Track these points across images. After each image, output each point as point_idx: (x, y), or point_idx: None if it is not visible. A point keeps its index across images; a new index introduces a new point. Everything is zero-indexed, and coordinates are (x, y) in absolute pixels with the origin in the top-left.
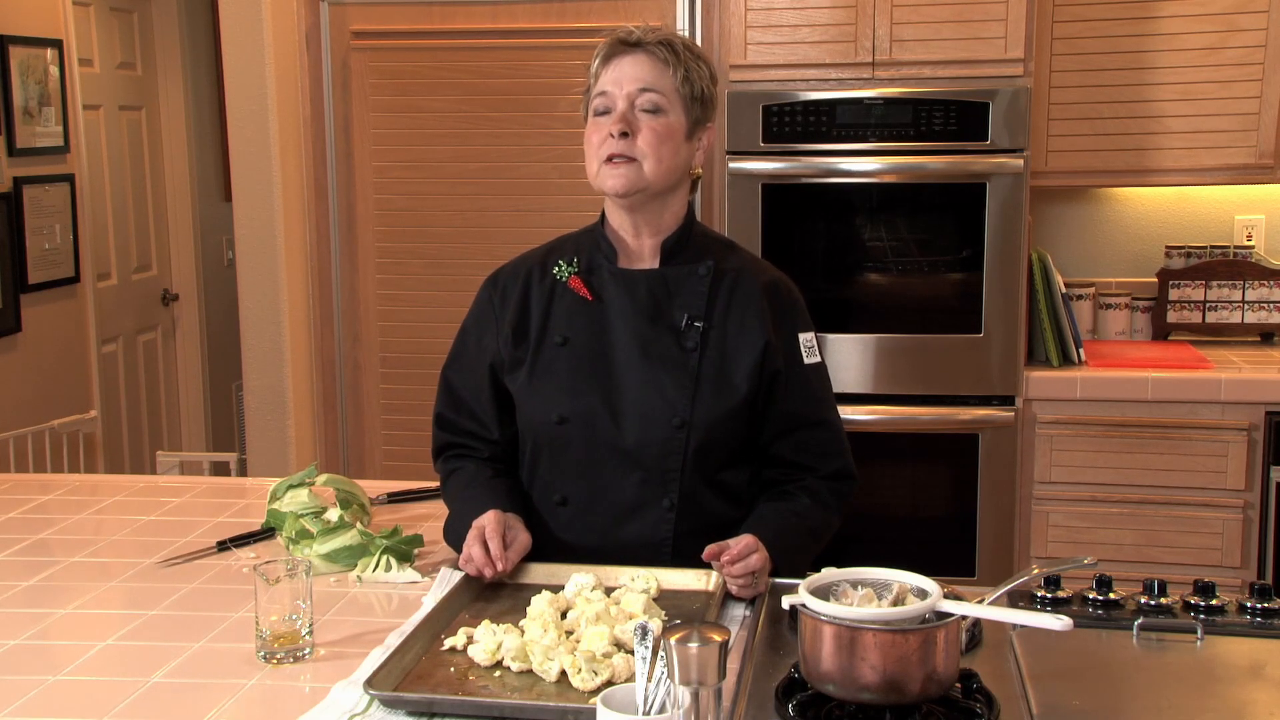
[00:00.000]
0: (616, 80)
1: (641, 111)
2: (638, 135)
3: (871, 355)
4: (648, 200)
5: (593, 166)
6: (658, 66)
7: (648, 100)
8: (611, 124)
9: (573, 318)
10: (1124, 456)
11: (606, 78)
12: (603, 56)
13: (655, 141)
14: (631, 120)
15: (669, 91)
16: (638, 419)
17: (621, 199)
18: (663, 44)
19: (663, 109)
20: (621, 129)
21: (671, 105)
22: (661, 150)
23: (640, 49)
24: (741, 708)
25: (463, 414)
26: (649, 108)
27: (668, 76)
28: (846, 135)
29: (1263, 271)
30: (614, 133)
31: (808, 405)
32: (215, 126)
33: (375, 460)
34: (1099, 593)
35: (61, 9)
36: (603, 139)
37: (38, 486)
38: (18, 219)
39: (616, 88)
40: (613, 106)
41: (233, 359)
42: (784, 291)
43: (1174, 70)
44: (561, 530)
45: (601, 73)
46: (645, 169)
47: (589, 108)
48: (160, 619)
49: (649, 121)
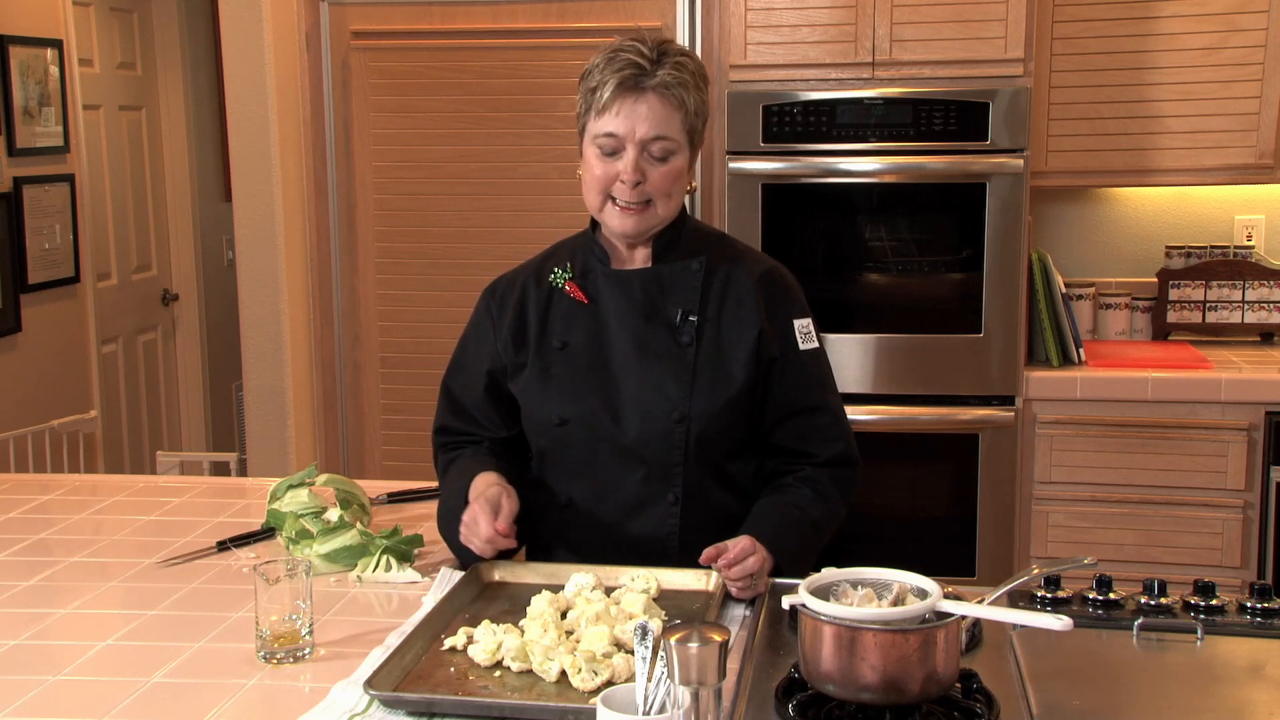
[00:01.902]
0: (629, 126)
1: (652, 158)
2: (649, 180)
3: (871, 355)
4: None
5: (595, 200)
6: (669, 112)
7: (660, 148)
8: (625, 173)
9: (570, 322)
10: (1124, 456)
11: (615, 119)
12: (611, 92)
13: (667, 186)
14: (644, 168)
15: (678, 134)
16: (637, 415)
17: (629, 238)
18: (674, 83)
19: (674, 152)
20: (636, 179)
21: (680, 147)
22: (673, 191)
23: (652, 93)
24: (741, 708)
25: (464, 420)
26: (660, 155)
27: (677, 120)
28: (846, 135)
29: (1263, 271)
30: (627, 181)
31: (805, 391)
32: (215, 126)
33: (375, 460)
34: (1099, 593)
35: (61, 9)
36: (609, 179)
37: (38, 486)
38: (18, 219)
39: (628, 133)
40: (621, 149)
41: (233, 359)
42: (777, 280)
43: (1174, 70)
44: (569, 530)
45: (610, 108)
46: (658, 210)
47: (588, 133)
48: (160, 619)
49: (661, 167)
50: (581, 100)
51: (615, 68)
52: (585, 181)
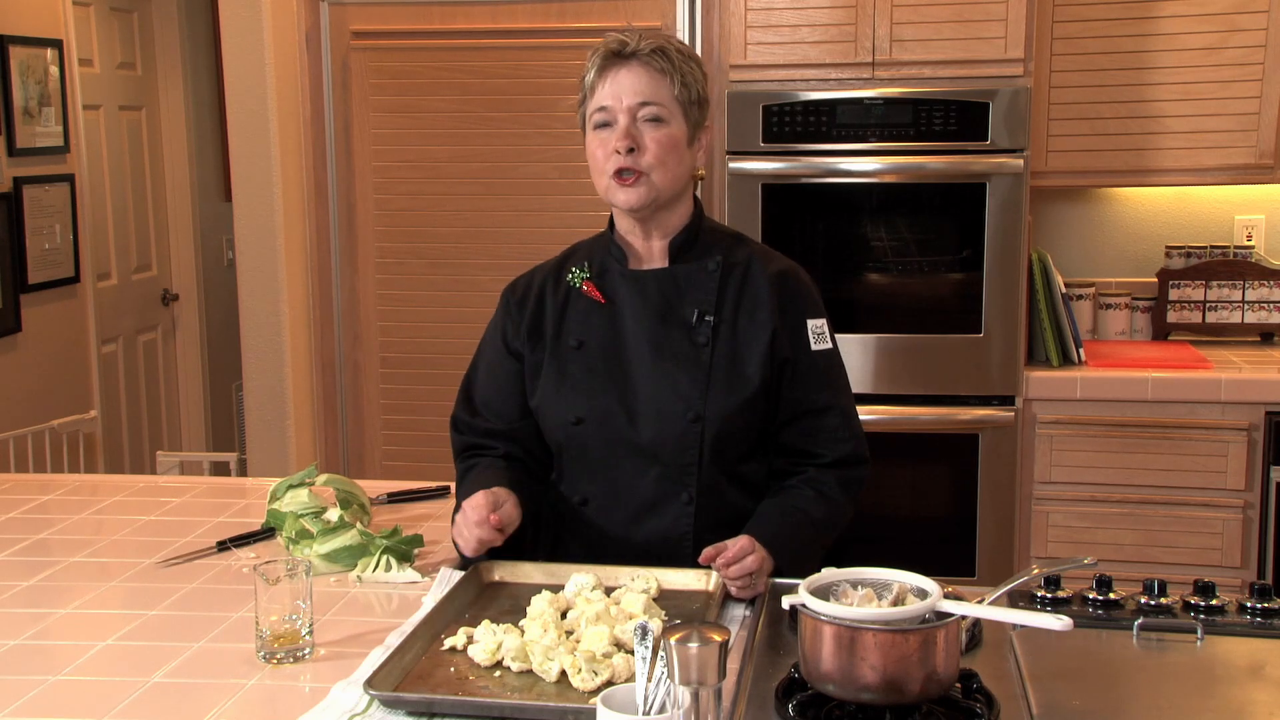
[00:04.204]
0: (615, 94)
1: (644, 122)
2: (643, 148)
3: (872, 355)
4: (657, 209)
5: (601, 181)
6: (655, 77)
7: (649, 112)
8: (617, 140)
9: (587, 321)
10: (1124, 456)
11: (604, 91)
12: (597, 69)
13: (661, 153)
14: (636, 134)
15: (668, 101)
16: (653, 415)
17: (634, 213)
18: (657, 52)
19: (664, 119)
20: (628, 145)
21: (672, 114)
22: (668, 160)
23: (635, 60)
24: (741, 708)
25: (477, 414)
26: (650, 119)
27: (665, 86)
28: (846, 135)
29: (1263, 271)
30: (620, 149)
31: (815, 391)
32: (215, 126)
33: (375, 460)
34: (1099, 593)
35: (61, 9)
36: (608, 154)
37: (38, 486)
38: (18, 219)
39: (616, 101)
40: (614, 120)
41: (233, 359)
42: (792, 279)
43: (1174, 70)
44: (584, 529)
45: (598, 85)
46: (655, 180)
47: (586, 119)
48: (160, 619)
49: (652, 133)
50: (580, 92)
51: (601, 52)
52: (591, 170)
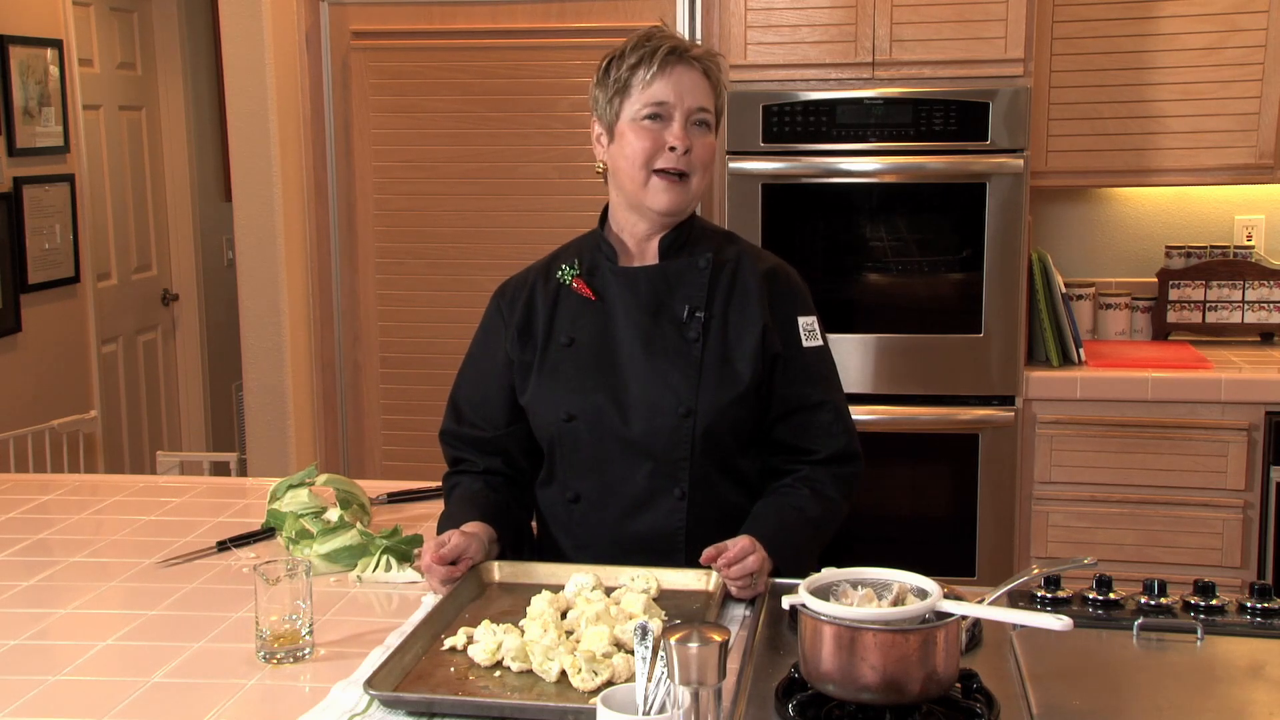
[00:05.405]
0: (678, 92)
1: (693, 126)
2: (693, 151)
3: (871, 355)
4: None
5: (638, 176)
6: (709, 86)
7: (701, 117)
8: (676, 139)
9: (577, 319)
10: (1124, 456)
11: (664, 86)
12: (659, 64)
13: (706, 159)
14: (690, 137)
15: (714, 109)
16: (644, 411)
17: (666, 215)
18: (709, 59)
19: (710, 126)
20: (687, 145)
21: (714, 125)
22: (709, 168)
23: (696, 63)
24: (741, 708)
25: (464, 422)
26: (700, 123)
27: (713, 95)
28: (846, 135)
29: (1263, 271)
30: (680, 147)
31: (807, 388)
32: (215, 126)
33: (375, 460)
34: (1099, 593)
35: (61, 9)
36: (657, 148)
37: (38, 486)
38: (18, 219)
39: (678, 99)
40: (669, 116)
41: (233, 359)
42: (782, 277)
43: (1174, 70)
44: (577, 527)
45: (657, 79)
46: (693, 184)
47: (626, 112)
48: (160, 619)
49: (701, 138)
50: (612, 86)
51: (654, 45)
52: (625, 160)
